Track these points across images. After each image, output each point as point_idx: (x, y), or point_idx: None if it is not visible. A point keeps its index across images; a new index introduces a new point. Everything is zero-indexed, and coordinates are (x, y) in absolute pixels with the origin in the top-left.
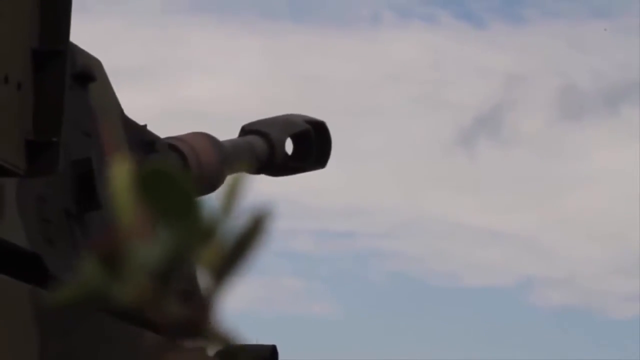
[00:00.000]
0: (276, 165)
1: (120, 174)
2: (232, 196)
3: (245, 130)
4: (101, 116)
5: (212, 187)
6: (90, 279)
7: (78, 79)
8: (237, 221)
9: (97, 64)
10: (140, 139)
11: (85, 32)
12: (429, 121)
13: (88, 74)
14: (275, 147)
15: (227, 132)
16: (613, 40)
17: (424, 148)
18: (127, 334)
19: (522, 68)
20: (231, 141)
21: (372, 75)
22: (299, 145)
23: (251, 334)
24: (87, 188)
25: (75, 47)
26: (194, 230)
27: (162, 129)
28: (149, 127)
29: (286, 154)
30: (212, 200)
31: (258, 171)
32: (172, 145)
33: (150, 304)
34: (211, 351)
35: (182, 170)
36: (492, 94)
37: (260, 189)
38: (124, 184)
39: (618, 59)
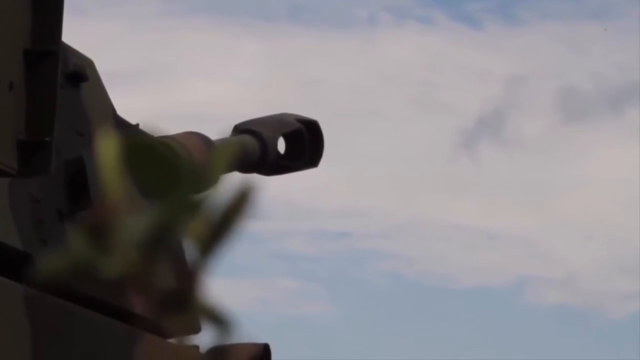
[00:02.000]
0: (268, 164)
1: (107, 149)
2: (219, 172)
3: (238, 129)
4: (93, 116)
5: (204, 185)
6: (77, 251)
7: (70, 79)
8: (223, 194)
9: (90, 63)
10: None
11: (83, 35)
12: (428, 123)
13: (80, 73)
14: (267, 146)
15: (225, 135)
16: (611, 41)
17: (422, 150)
18: (121, 334)
19: (521, 70)
20: (223, 140)
21: (370, 77)
22: (291, 144)
23: (246, 334)
24: (80, 188)
25: (67, 47)
26: (180, 203)
27: (161, 132)
28: (142, 127)
29: (278, 153)
30: (198, 175)
31: (250, 170)
32: (164, 144)
33: (138, 276)
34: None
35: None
36: (492, 96)
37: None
38: (111, 159)
39: (617, 60)
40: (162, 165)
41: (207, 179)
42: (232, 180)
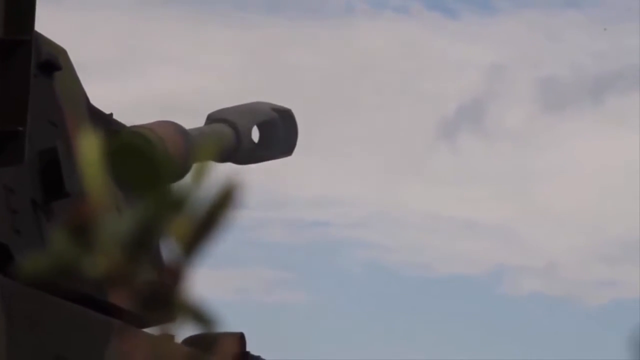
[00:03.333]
0: (243, 153)
1: (89, 147)
2: (201, 170)
3: (212, 119)
4: (67, 105)
5: (179, 175)
6: (60, 251)
7: (43, 68)
8: (207, 192)
9: (63, 52)
10: (106, 128)
11: (57, 24)
12: (406, 112)
13: (53, 63)
14: (241, 135)
15: (198, 124)
16: (587, 30)
17: (401, 138)
18: (94, 322)
19: (499, 59)
20: (197, 129)
21: (346, 66)
22: (265, 133)
23: (222, 324)
24: (54, 177)
25: (40, 37)
26: (163, 202)
27: (135, 121)
28: (115, 117)
29: (253, 142)
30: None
31: (224, 159)
32: (138, 133)
33: (120, 275)
34: (179, 331)
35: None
36: (471, 85)
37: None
38: (93, 157)
39: (594, 49)
40: (144, 162)
41: (184, 170)
42: (217, 175)
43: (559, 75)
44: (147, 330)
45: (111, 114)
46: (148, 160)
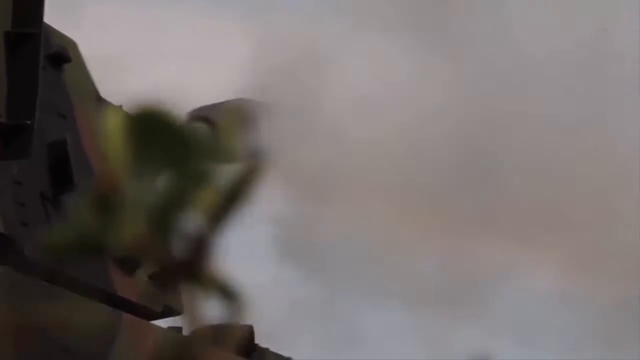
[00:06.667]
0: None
1: (113, 119)
2: (228, 144)
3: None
4: (76, 97)
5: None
6: (85, 223)
7: (53, 60)
8: (233, 166)
9: (72, 45)
10: None
11: (71, 18)
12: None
13: (63, 55)
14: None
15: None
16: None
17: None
18: (102, 314)
19: None
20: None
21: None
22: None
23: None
24: (63, 170)
25: (49, 28)
26: (190, 174)
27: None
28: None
29: None
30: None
31: None
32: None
33: (146, 248)
34: (205, 298)
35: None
36: None
37: None
38: (118, 129)
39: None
40: (171, 134)
41: (218, 149)
42: (242, 151)
43: None
44: (152, 323)
45: (121, 106)
46: (175, 131)
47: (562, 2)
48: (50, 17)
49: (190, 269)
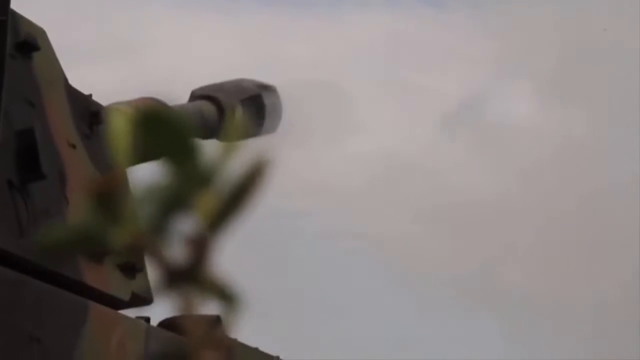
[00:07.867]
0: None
1: (117, 118)
2: (231, 145)
3: (195, 96)
4: (45, 85)
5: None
6: (84, 222)
7: (21, 48)
8: (235, 167)
9: (41, 33)
10: (85, 109)
11: (45, 6)
12: (399, 105)
13: (31, 43)
14: (225, 111)
15: (182, 101)
16: None
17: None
18: (69, 303)
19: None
20: (180, 106)
21: (334, 57)
22: (249, 109)
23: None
24: (30, 159)
25: (18, 16)
26: (192, 175)
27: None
28: (95, 98)
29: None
30: (211, 147)
31: (208, 136)
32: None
33: (146, 248)
34: (206, 300)
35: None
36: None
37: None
38: (122, 128)
39: None
40: (174, 136)
41: (218, 152)
42: (246, 152)
43: None
44: (121, 312)
45: (90, 95)
46: (178, 132)
47: None
48: (18, 4)
49: (190, 271)
